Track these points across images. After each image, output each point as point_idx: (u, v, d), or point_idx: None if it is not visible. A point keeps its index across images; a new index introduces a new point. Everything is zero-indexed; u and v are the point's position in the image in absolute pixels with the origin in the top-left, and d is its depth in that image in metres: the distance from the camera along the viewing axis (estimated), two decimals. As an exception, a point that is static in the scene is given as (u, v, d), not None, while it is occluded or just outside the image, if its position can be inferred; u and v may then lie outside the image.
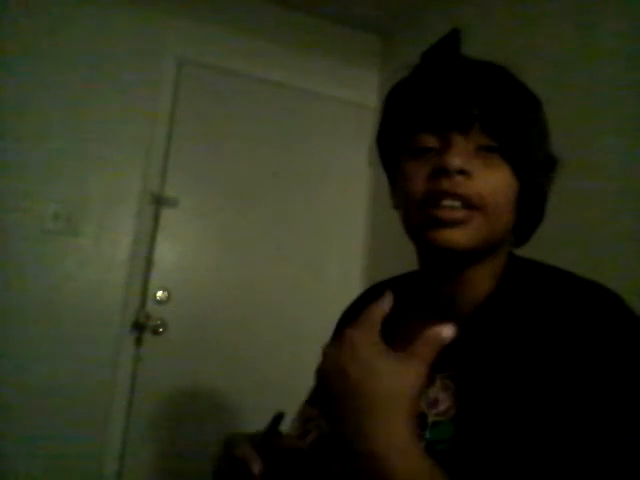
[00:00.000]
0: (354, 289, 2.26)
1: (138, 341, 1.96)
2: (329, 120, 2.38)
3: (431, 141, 0.57)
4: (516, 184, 0.57)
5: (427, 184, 0.55)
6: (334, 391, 0.45)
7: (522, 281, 0.58)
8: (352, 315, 0.78)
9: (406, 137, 0.60)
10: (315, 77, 2.36)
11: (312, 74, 2.36)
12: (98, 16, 2.04)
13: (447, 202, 0.54)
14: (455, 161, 0.53)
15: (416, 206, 0.57)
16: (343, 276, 2.30)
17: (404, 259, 0.75)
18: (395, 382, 0.43)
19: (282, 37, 2.33)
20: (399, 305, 0.67)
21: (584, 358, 0.49)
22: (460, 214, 0.54)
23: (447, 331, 0.45)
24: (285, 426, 0.61)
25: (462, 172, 0.54)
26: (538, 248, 0.66)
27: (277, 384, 1.95)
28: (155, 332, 1.98)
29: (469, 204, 0.54)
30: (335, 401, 0.45)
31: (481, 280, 0.59)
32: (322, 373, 0.48)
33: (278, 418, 0.59)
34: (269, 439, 0.56)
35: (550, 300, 0.54)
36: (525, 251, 0.65)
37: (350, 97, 2.43)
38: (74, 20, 2.01)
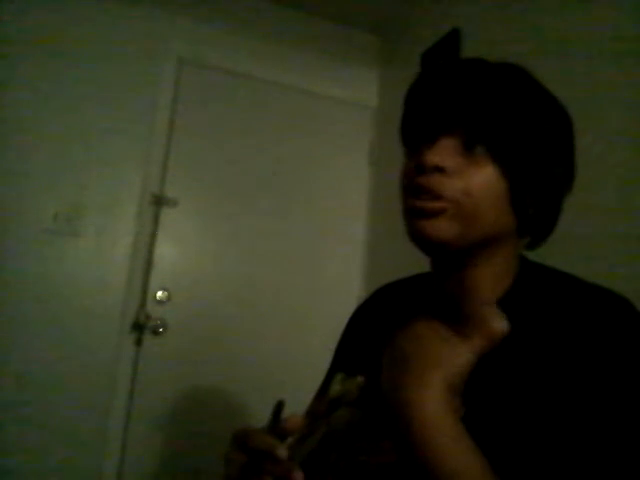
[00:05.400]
0: (354, 289, 2.30)
1: (138, 341, 1.96)
2: (329, 120, 2.38)
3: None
4: (504, 184, 0.56)
5: (413, 178, 0.58)
6: (390, 361, 0.49)
7: (532, 286, 0.58)
8: (364, 315, 0.78)
9: (405, 140, 0.63)
10: (315, 77, 2.36)
11: (312, 74, 2.36)
12: (98, 16, 2.04)
13: (423, 196, 0.56)
14: (431, 158, 0.55)
15: (402, 198, 0.60)
16: (343, 276, 2.31)
17: (404, 259, 0.75)
18: (444, 356, 0.46)
19: (282, 37, 2.33)
20: (407, 306, 0.67)
21: (594, 364, 0.49)
22: (436, 205, 0.55)
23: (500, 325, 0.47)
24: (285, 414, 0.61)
25: (438, 169, 0.55)
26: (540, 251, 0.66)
27: (278, 383, 1.95)
28: (155, 332, 1.98)
29: (444, 199, 0.55)
30: (388, 368, 0.49)
31: (482, 282, 0.59)
32: (386, 352, 0.51)
33: (279, 407, 0.59)
34: (274, 429, 0.56)
35: (560, 305, 0.54)
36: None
37: (350, 97, 2.43)
38: (74, 20, 2.01)
